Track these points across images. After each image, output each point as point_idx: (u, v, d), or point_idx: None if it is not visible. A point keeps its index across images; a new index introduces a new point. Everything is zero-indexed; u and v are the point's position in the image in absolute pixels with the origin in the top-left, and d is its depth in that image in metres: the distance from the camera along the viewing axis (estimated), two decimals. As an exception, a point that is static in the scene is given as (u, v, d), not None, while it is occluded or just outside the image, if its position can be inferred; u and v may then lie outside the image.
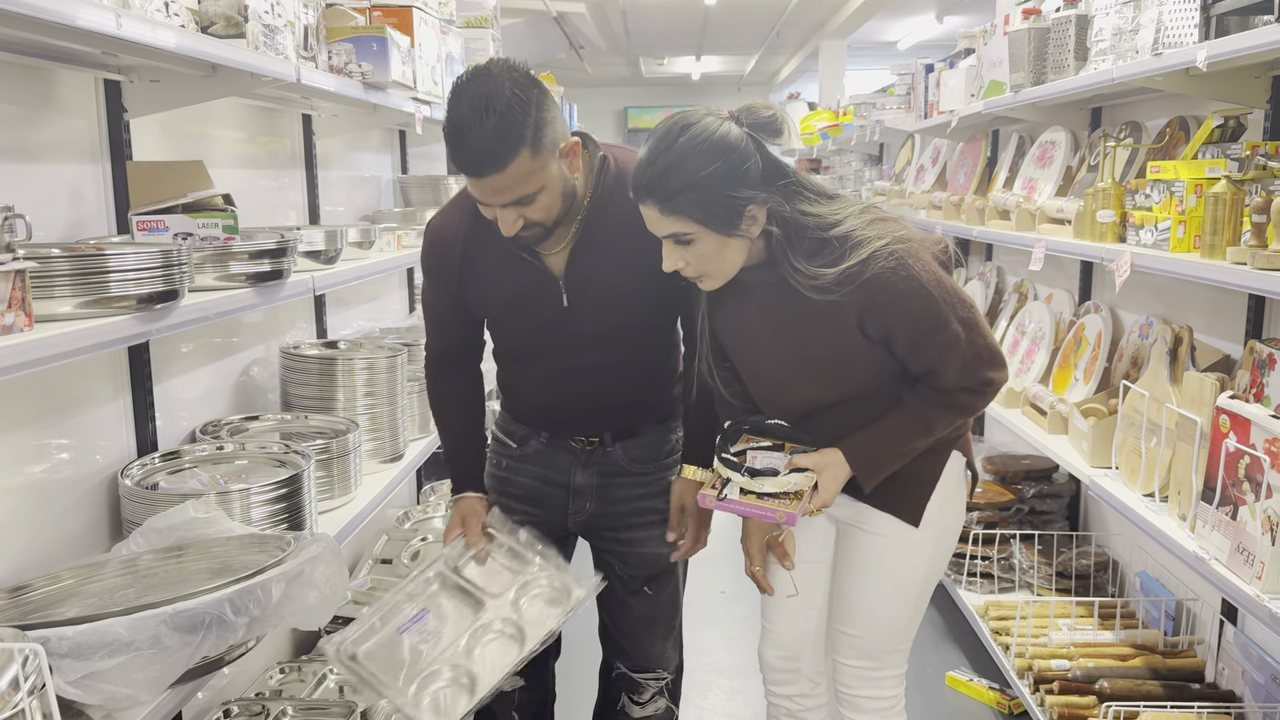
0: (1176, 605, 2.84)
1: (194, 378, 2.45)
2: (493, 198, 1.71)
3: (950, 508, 1.92)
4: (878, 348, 1.76)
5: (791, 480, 1.77)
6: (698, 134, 1.63)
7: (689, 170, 1.61)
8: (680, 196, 1.62)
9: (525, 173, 1.68)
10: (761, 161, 1.67)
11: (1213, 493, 2.00)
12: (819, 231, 1.69)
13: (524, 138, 1.65)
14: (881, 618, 1.93)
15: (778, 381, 1.87)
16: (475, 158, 1.65)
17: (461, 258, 1.91)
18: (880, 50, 12.06)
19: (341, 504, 2.41)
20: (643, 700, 2.21)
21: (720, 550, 2.30)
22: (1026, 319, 3.49)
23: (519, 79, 1.67)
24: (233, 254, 1.84)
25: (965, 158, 4.29)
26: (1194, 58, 2.06)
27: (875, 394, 1.81)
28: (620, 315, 1.92)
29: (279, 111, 2.95)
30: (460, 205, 1.94)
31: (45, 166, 1.92)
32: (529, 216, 1.74)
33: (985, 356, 1.75)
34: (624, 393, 2.01)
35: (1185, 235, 2.25)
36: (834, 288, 1.66)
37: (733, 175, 1.62)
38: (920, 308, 1.68)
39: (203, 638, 1.49)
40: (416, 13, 2.84)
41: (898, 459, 1.81)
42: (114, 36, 1.48)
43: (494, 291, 1.92)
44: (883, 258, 1.66)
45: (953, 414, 1.80)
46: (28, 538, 1.84)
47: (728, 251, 1.69)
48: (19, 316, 1.29)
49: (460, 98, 1.67)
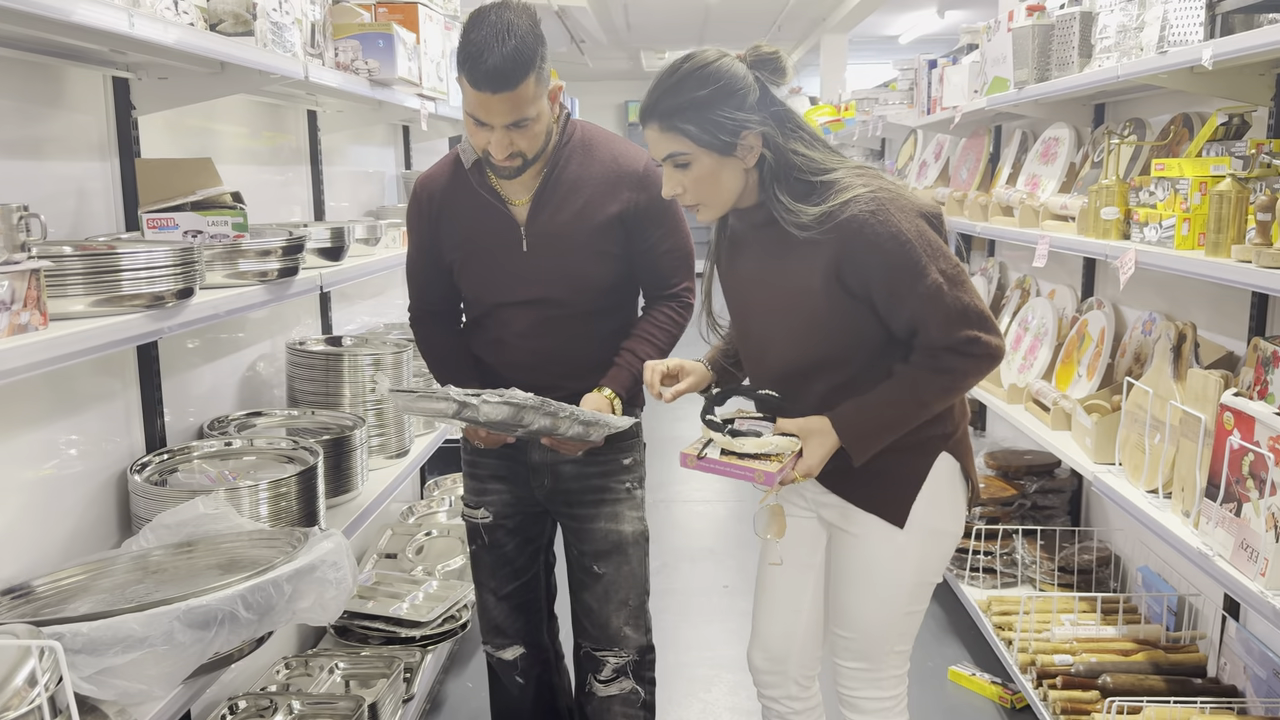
0: (1179, 600, 2.85)
1: (201, 374, 2.46)
2: (496, 116, 1.88)
3: (941, 510, 1.88)
4: (858, 306, 1.75)
5: (774, 442, 1.74)
6: (700, 61, 1.74)
7: (688, 90, 1.72)
8: (678, 115, 1.72)
9: (530, 96, 1.88)
10: (762, 95, 1.75)
11: (1216, 489, 2.01)
12: (809, 175, 1.75)
13: (534, 64, 1.85)
14: (873, 620, 1.92)
15: (761, 339, 1.89)
16: (495, 73, 1.82)
17: (440, 204, 2.10)
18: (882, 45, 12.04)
19: (348, 499, 2.42)
20: (604, 678, 2.26)
21: (724, 545, 2.31)
22: (1029, 315, 3.50)
23: (530, 15, 1.89)
24: (243, 252, 1.84)
25: (968, 153, 4.29)
26: (1199, 56, 2.06)
27: (857, 366, 1.79)
28: (573, 267, 2.06)
29: (284, 108, 2.95)
30: (444, 162, 2.16)
31: (54, 163, 1.93)
32: (518, 144, 1.93)
33: (973, 316, 1.71)
34: (578, 358, 2.11)
35: (1190, 233, 2.25)
36: (813, 225, 1.71)
37: (730, 98, 1.71)
38: (897, 254, 1.68)
39: (215, 634, 1.50)
40: (422, 9, 2.84)
41: (886, 430, 1.77)
42: (126, 36, 1.48)
43: (463, 233, 2.09)
44: (863, 201, 1.70)
45: (940, 379, 1.74)
46: (38, 533, 1.85)
47: (722, 176, 1.76)
48: (34, 315, 1.30)
49: (481, 23, 1.84)
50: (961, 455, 1.89)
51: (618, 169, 2.06)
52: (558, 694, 2.50)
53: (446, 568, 3.40)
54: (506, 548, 2.28)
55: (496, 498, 2.24)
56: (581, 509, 2.19)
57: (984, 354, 1.73)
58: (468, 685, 3.16)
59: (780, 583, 2.05)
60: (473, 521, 2.28)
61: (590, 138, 2.09)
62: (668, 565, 4.01)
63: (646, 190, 2.06)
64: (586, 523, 2.20)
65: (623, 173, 2.06)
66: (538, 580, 2.38)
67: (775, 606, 2.06)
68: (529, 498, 2.23)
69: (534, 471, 2.20)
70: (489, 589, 2.31)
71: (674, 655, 3.29)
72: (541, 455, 2.16)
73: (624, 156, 2.09)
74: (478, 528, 2.27)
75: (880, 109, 5.22)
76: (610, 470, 2.18)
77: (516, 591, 2.32)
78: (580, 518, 2.20)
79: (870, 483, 1.84)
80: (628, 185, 2.05)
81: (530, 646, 2.37)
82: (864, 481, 1.84)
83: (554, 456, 2.16)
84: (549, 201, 2.04)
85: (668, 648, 3.22)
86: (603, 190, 2.04)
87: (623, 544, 2.21)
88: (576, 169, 2.05)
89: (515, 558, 2.29)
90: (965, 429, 1.93)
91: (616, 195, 2.05)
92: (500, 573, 2.30)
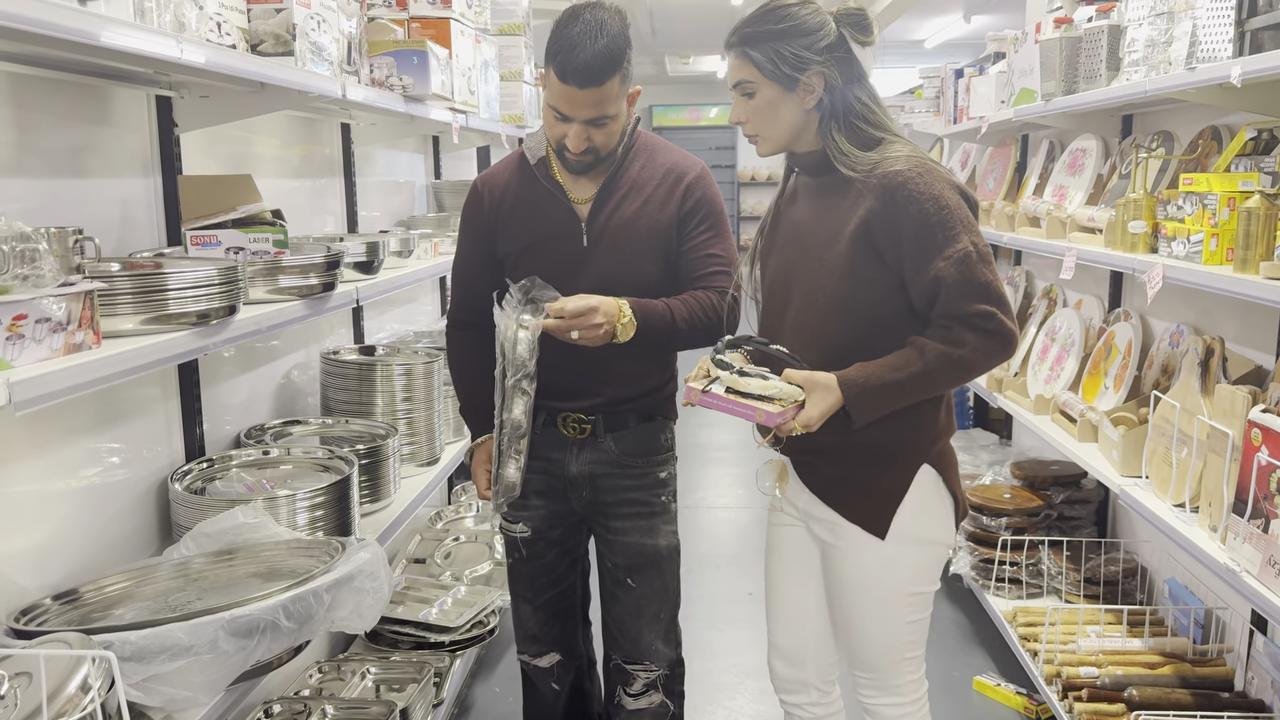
0: (1206, 613, 2.85)
1: (239, 383, 2.51)
2: (580, 111, 1.96)
3: (926, 521, 1.90)
4: (878, 268, 1.78)
5: (778, 387, 1.75)
6: (788, 2, 1.84)
7: (767, 23, 1.83)
8: (751, 43, 1.83)
9: (613, 94, 1.96)
10: (837, 43, 1.83)
11: (1244, 505, 2.02)
12: (866, 126, 1.85)
13: (621, 64, 1.94)
14: (875, 631, 1.95)
15: (784, 292, 1.93)
16: (586, 68, 1.90)
17: (501, 195, 2.16)
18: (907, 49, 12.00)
19: (381, 507, 2.47)
20: (634, 692, 2.29)
21: (747, 552, 2.34)
22: (1056, 325, 3.50)
23: (622, 17, 1.98)
24: (283, 268, 1.89)
25: (995, 162, 4.29)
26: (1228, 73, 2.07)
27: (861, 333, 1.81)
28: (629, 263, 2.10)
29: (319, 121, 3.00)
30: (506, 161, 2.22)
31: (101, 180, 1.98)
32: (594, 139, 2.01)
33: (994, 294, 1.73)
34: (623, 365, 2.12)
35: (1218, 248, 2.26)
36: (863, 168, 1.80)
37: (802, 38, 1.81)
38: (935, 214, 1.74)
39: (257, 642, 1.54)
40: (454, 24, 2.89)
41: (889, 395, 1.76)
42: (176, 62, 1.53)
43: (523, 225, 2.13)
44: (912, 161, 1.78)
45: (951, 351, 1.74)
46: (84, 540, 1.91)
47: (781, 109, 1.85)
48: (88, 335, 1.34)
49: (576, 19, 1.93)
50: (944, 469, 1.92)
51: (676, 172, 2.15)
52: (589, 700, 2.53)
53: (474, 573, 3.45)
54: (546, 558, 2.30)
55: (535, 512, 2.25)
56: (618, 521, 2.22)
57: (996, 332, 1.74)
58: (495, 690, 3.20)
59: (785, 587, 2.10)
60: (511, 535, 2.29)
61: (653, 143, 2.19)
62: (692, 571, 4.03)
63: (698, 194, 2.15)
64: (621, 535, 2.22)
65: (680, 175, 2.14)
66: (574, 588, 2.41)
67: (784, 612, 2.10)
68: (567, 510, 2.25)
69: (572, 484, 2.21)
70: (525, 599, 2.34)
71: (699, 662, 3.31)
72: (579, 468, 2.19)
73: (682, 162, 2.18)
74: (516, 541, 2.29)
75: (907, 116, 5.22)
76: (646, 484, 2.21)
77: (553, 600, 2.35)
78: (616, 530, 2.22)
79: (854, 492, 1.88)
80: (684, 187, 2.14)
81: (565, 653, 2.40)
82: (849, 491, 1.89)
83: (592, 468, 2.18)
84: (611, 199, 2.11)
85: (693, 654, 3.24)
86: (662, 192, 2.13)
87: (656, 558, 2.23)
88: (639, 170, 2.13)
89: (555, 566, 2.32)
90: (948, 445, 1.95)
91: (673, 196, 2.13)
92: (538, 582, 2.32)
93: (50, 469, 1.81)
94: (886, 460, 1.87)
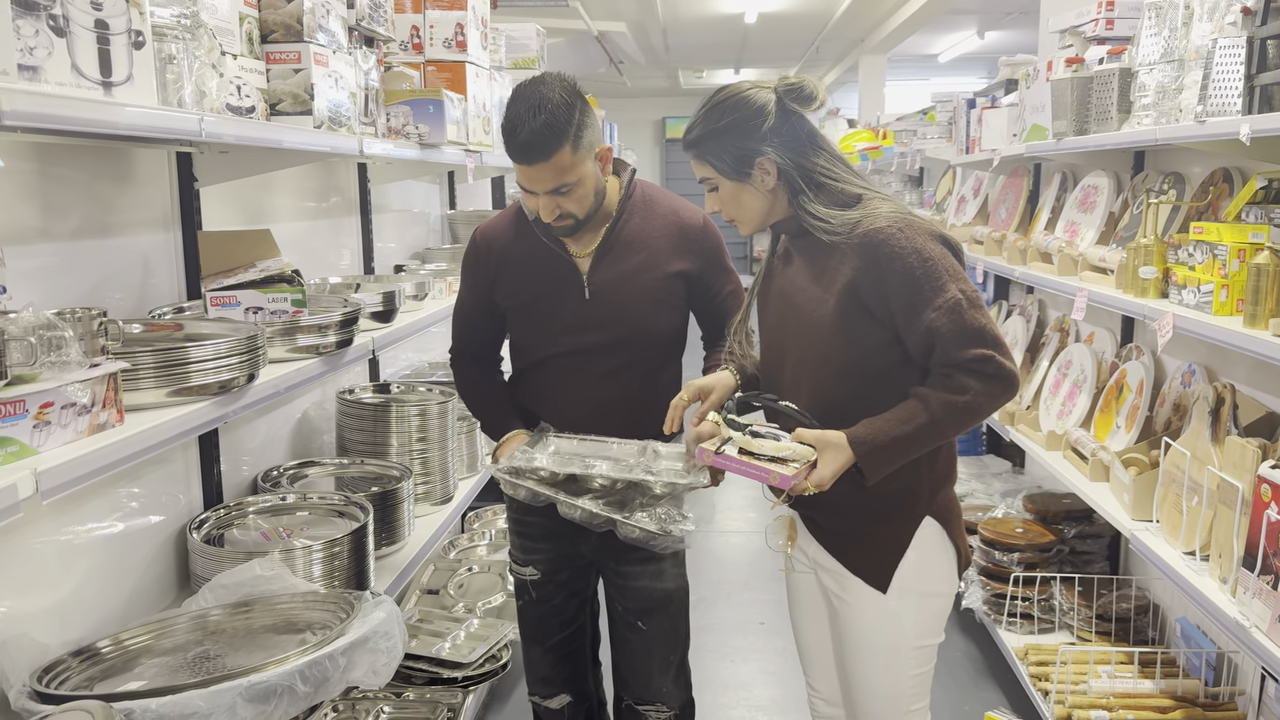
0: (1218, 656, 2.85)
1: (256, 427, 2.55)
2: (537, 184, 2.00)
3: (929, 574, 1.92)
4: (869, 324, 1.80)
5: (790, 448, 1.77)
6: (727, 95, 1.88)
7: (709, 123, 1.86)
8: (701, 145, 1.88)
9: (566, 165, 1.98)
10: (780, 122, 1.84)
11: (1254, 560, 2.02)
12: (833, 183, 1.87)
13: (566, 134, 1.96)
14: (879, 685, 1.97)
15: (779, 353, 1.96)
16: (526, 147, 1.95)
17: (501, 252, 2.19)
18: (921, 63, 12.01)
19: (396, 549, 2.50)
20: None
21: (759, 580, 2.35)
22: (1068, 360, 3.50)
23: (567, 87, 1.99)
24: (301, 328, 1.92)
25: (1007, 192, 4.30)
26: (1237, 130, 2.08)
27: (860, 387, 1.83)
28: (634, 314, 2.14)
29: (337, 162, 3.04)
30: (505, 214, 2.25)
31: (122, 238, 2.02)
32: (564, 206, 2.04)
33: (988, 337, 1.74)
34: (629, 410, 2.16)
35: (1228, 299, 2.26)
36: (841, 230, 1.81)
37: (743, 131, 1.84)
38: (920, 267, 1.75)
39: (274, 706, 1.57)
40: (469, 67, 2.92)
41: (899, 449, 1.77)
42: (196, 138, 1.57)
43: (525, 280, 2.17)
44: (890, 218, 1.80)
45: (955, 398, 1.74)
46: (104, 594, 1.94)
47: (744, 198, 1.89)
48: (111, 414, 1.38)
49: (519, 99, 1.98)
50: (946, 520, 1.93)
51: (679, 222, 2.18)
52: None
53: (487, 605, 3.47)
54: (555, 600, 2.33)
55: (544, 555, 2.29)
56: (627, 565, 2.24)
57: (996, 375, 1.74)
58: (508, 724, 3.22)
59: (809, 634, 2.13)
60: (521, 578, 2.33)
61: (651, 195, 2.22)
62: (704, 600, 4.04)
63: (708, 242, 2.20)
64: (631, 580, 2.25)
65: (684, 227, 2.18)
66: (583, 630, 2.44)
67: (813, 656, 2.13)
68: (576, 553, 2.28)
69: (580, 528, 2.23)
70: (536, 642, 2.37)
71: (710, 695, 3.32)
72: None
73: (683, 211, 2.21)
74: (525, 584, 2.32)
75: (919, 142, 5.23)
76: None
77: (563, 642, 2.38)
78: (625, 574, 2.25)
79: (858, 545, 1.91)
80: (691, 241, 2.18)
81: (576, 694, 2.43)
82: (851, 544, 1.91)
83: None
84: (611, 253, 2.14)
85: (704, 688, 3.26)
86: (665, 245, 2.16)
87: (666, 601, 2.26)
88: (639, 223, 2.17)
89: (564, 609, 2.35)
90: (951, 494, 1.96)
91: (680, 252, 2.17)
92: (548, 624, 2.35)
93: (71, 523, 1.85)
94: (888, 513, 1.89)
